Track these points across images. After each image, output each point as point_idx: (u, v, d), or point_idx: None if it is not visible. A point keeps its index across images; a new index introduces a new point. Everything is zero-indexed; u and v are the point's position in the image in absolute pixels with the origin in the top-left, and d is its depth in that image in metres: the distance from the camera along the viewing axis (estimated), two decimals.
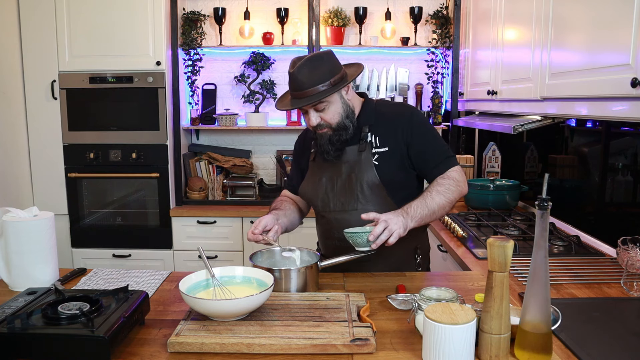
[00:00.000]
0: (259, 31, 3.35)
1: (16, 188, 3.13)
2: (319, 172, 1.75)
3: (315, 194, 1.74)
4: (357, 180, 1.66)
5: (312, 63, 1.56)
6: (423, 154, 1.67)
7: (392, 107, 1.81)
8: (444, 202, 1.58)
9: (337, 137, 1.64)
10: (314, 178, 1.76)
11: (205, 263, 1.40)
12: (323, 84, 1.55)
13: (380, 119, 1.70)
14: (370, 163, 1.66)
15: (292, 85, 1.58)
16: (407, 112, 1.71)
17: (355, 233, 1.43)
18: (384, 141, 1.68)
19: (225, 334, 1.18)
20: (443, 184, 1.61)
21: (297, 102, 1.58)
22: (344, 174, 1.69)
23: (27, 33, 3.09)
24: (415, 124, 1.67)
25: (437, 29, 3.30)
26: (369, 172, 1.66)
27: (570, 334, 1.27)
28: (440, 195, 1.58)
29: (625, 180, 2.10)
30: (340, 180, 1.69)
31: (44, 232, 1.51)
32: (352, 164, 1.68)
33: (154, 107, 3.12)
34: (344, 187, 1.68)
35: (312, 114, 1.62)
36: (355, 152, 1.68)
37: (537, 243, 1.08)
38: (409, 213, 1.50)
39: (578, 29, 1.74)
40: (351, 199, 1.67)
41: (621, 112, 1.53)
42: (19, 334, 1.09)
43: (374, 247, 1.43)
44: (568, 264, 1.88)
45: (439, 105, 3.34)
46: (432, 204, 1.56)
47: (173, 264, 3.25)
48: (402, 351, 1.16)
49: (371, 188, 1.66)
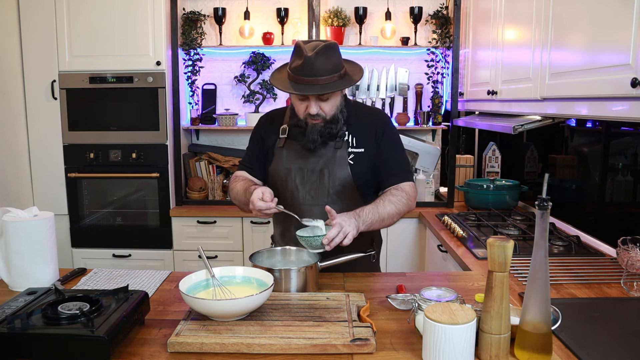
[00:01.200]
0: (259, 31, 3.35)
1: (16, 188, 3.13)
2: (289, 161, 1.72)
3: (285, 184, 1.72)
4: (329, 176, 1.68)
5: (327, 52, 1.54)
6: (386, 158, 1.71)
7: (369, 110, 1.86)
8: (394, 212, 1.63)
9: (328, 130, 1.65)
10: (282, 166, 1.72)
11: (205, 263, 1.40)
12: (335, 75, 1.55)
13: (358, 120, 1.73)
14: (345, 161, 1.68)
15: (303, 70, 1.53)
16: (383, 118, 1.78)
17: (310, 237, 1.47)
18: (360, 142, 1.71)
19: (225, 334, 1.18)
20: (396, 195, 1.66)
21: (309, 88, 1.54)
22: (316, 168, 1.69)
23: (27, 33, 3.09)
24: (388, 130, 1.74)
25: (437, 29, 3.30)
26: (343, 170, 1.68)
27: (570, 334, 1.27)
28: (392, 205, 1.63)
29: (625, 180, 2.10)
30: (311, 173, 1.69)
31: (44, 232, 1.51)
32: (327, 160, 1.68)
33: (154, 107, 3.11)
34: (315, 181, 1.69)
35: (313, 102, 1.59)
36: (331, 149, 1.69)
37: (537, 243, 1.08)
38: (361, 216, 1.54)
39: (578, 29, 1.74)
40: (322, 193, 1.69)
41: (621, 112, 1.53)
42: (19, 334, 1.09)
43: (327, 249, 1.47)
44: (568, 264, 1.89)
45: (439, 105, 3.34)
46: (383, 211, 1.60)
47: (173, 264, 3.25)
48: (402, 351, 1.16)
49: (343, 185, 1.68)
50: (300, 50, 1.55)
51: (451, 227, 2.50)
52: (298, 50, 1.56)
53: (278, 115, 1.81)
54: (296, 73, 1.55)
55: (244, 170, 1.82)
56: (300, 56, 1.54)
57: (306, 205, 1.69)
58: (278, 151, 1.75)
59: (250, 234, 3.19)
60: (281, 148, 1.74)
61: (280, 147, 1.74)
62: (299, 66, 1.53)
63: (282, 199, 1.70)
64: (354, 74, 1.63)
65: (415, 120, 3.40)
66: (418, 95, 3.41)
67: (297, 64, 1.54)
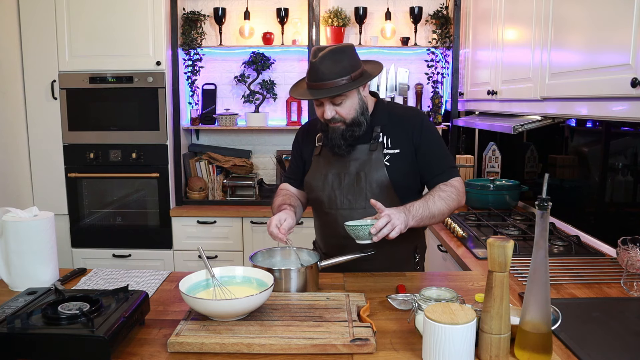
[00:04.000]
0: (259, 31, 3.35)
1: (16, 188, 3.13)
2: (325, 167, 1.73)
3: (322, 190, 1.72)
4: (366, 178, 1.67)
5: (335, 55, 1.55)
6: (429, 158, 1.69)
7: (403, 110, 1.83)
8: (444, 208, 1.61)
9: (350, 133, 1.64)
10: (319, 173, 1.74)
11: (205, 263, 1.40)
12: (343, 78, 1.55)
13: (392, 120, 1.71)
14: (381, 163, 1.67)
15: (311, 76, 1.56)
16: (419, 116, 1.74)
17: (358, 226, 1.45)
18: (395, 143, 1.69)
19: (225, 334, 1.18)
20: (446, 191, 1.63)
21: (315, 92, 1.56)
22: (352, 171, 1.68)
23: (27, 33, 3.09)
24: (426, 128, 1.70)
25: (437, 29, 3.30)
26: (379, 172, 1.66)
27: (570, 334, 1.27)
28: (442, 201, 1.61)
29: (625, 180, 2.10)
30: (348, 177, 1.68)
31: (44, 232, 1.51)
32: (362, 163, 1.68)
33: (154, 107, 3.11)
34: (352, 184, 1.68)
35: (327, 106, 1.61)
36: (365, 151, 1.68)
37: (537, 243, 1.08)
38: (411, 211, 1.52)
39: (578, 29, 1.74)
40: (360, 197, 1.67)
41: (621, 112, 1.53)
42: (19, 334, 1.09)
43: (375, 240, 1.45)
44: (568, 264, 1.88)
45: (439, 105, 3.34)
46: (433, 207, 1.58)
47: (173, 264, 3.25)
48: (402, 351, 1.16)
49: (380, 188, 1.66)
50: (312, 54, 1.59)
51: (451, 227, 2.50)
52: (311, 54, 1.60)
53: (314, 124, 1.81)
54: (307, 79, 1.60)
55: (287, 182, 1.88)
56: (311, 61, 1.58)
57: (344, 210, 1.69)
58: (315, 159, 1.77)
59: (250, 234, 3.19)
60: (317, 156, 1.76)
61: (316, 155, 1.77)
62: (308, 72, 1.58)
63: (320, 206, 1.73)
64: (374, 71, 1.63)
65: None
66: (418, 95, 3.41)
67: (308, 70, 1.59)
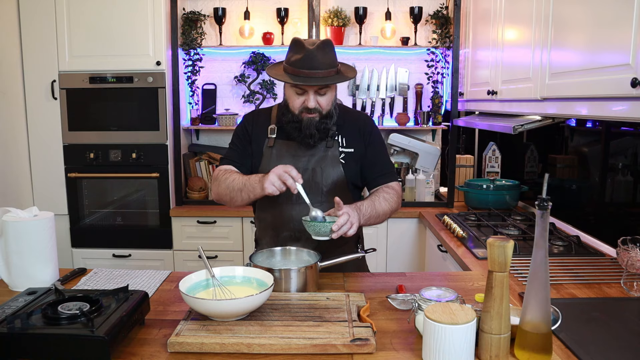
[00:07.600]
0: (259, 31, 3.35)
1: (16, 188, 3.13)
2: (280, 160, 1.71)
3: None
4: (322, 174, 1.70)
5: (325, 47, 1.59)
6: (375, 159, 1.76)
7: (356, 113, 1.92)
8: (388, 209, 1.67)
9: (324, 125, 1.67)
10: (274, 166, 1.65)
11: (205, 263, 1.40)
12: (333, 69, 1.60)
13: (346, 121, 1.77)
14: (337, 160, 1.72)
15: (305, 63, 1.57)
16: (369, 120, 1.84)
17: (319, 223, 1.48)
18: (349, 142, 1.75)
19: (225, 334, 1.18)
20: (389, 192, 1.70)
21: (310, 80, 1.58)
22: (309, 167, 1.71)
23: (27, 33, 3.09)
24: (375, 132, 1.80)
25: (437, 29, 3.30)
26: (336, 169, 1.71)
27: (570, 334, 1.27)
28: (387, 202, 1.67)
29: (625, 180, 2.10)
30: (304, 172, 1.69)
31: (44, 232, 1.51)
32: (319, 159, 1.71)
33: (154, 107, 3.11)
34: (308, 179, 1.70)
35: (312, 95, 1.63)
36: (322, 148, 1.72)
37: (537, 243, 1.08)
38: (361, 210, 1.57)
39: (578, 29, 1.74)
40: (315, 192, 1.70)
41: (621, 112, 1.53)
42: (19, 334, 1.09)
43: (334, 237, 1.47)
44: (568, 264, 1.89)
45: (439, 105, 3.34)
46: (379, 207, 1.64)
47: (173, 264, 3.25)
48: (402, 351, 1.16)
49: (336, 184, 1.71)
50: (300, 44, 1.60)
51: (451, 227, 2.50)
52: (297, 44, 1.61)
53: (263, 115, 1.81)
54: (295, 66, 1.58)
55: (232, 165, 1.75)
56: (300, 50, 1.58)
57: (300, 204, 1.68)
58: (267, 151, 1.75)
59: (250, 234, 3.19)
60: (270, 148, 1.74)
61: (269, 147, 1.75)
62: (299, 59, 1.57)
63: (275, 199, 1.68)
64: (348, 72, 1.67)
65: (415, 120, 3.40)
66: (418, 95, 3.41)
67: (296, 58, 1.58)
